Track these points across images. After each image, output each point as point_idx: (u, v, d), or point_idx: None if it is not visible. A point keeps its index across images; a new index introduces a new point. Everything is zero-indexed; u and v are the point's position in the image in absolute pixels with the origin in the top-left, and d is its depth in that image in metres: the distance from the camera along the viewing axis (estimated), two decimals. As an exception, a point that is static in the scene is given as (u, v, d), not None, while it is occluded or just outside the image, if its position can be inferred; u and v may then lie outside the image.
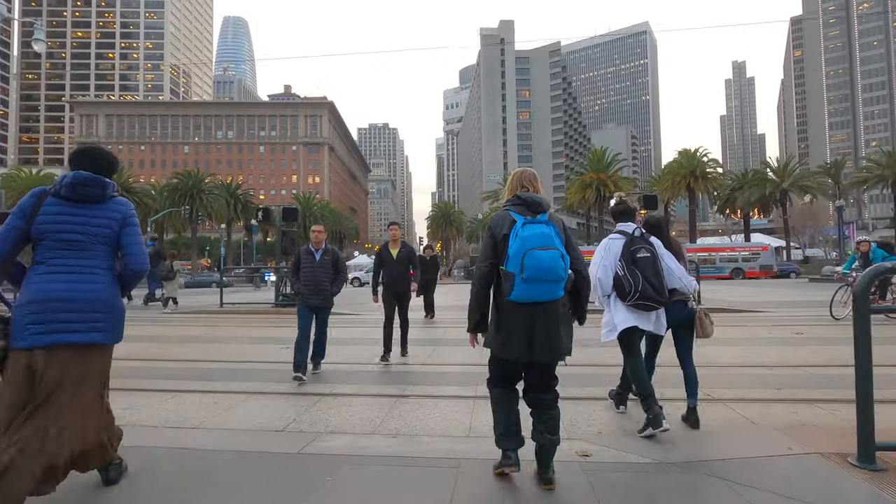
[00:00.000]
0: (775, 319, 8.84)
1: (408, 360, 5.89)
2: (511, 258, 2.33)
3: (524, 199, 2.47)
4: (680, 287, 3.43)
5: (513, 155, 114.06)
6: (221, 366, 5.72)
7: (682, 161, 43.11)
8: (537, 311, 2.35)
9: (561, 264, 2.30)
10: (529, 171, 2.70)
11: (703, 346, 5.99)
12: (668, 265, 3.40)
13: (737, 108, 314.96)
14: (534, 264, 2.27)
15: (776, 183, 42.08)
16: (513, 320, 2.38)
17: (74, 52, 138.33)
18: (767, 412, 3.70)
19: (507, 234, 2.39)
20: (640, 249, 3.31)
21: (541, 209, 2.44)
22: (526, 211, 2.43)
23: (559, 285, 2.33)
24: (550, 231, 2.37)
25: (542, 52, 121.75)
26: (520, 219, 2.40)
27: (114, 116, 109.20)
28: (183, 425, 3.55)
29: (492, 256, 2.46)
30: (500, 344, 2.42)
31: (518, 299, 2.33)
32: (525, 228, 2.35)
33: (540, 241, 2.31)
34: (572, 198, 45.25)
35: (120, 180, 48.00)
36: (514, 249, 2.33)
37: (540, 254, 2.27)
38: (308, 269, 5.12)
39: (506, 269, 2.36)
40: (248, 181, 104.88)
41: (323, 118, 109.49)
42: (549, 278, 2.28)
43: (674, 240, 3.72)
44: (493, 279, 2.48)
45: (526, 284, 2.29)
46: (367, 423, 3.56)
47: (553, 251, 2.30)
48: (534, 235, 2.33)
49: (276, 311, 10.87)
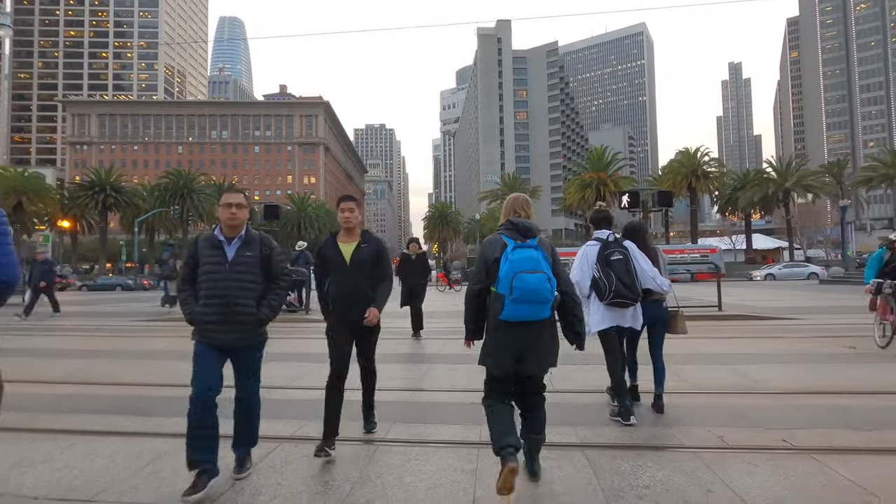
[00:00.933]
0: (814, 329, 7.92)
1: (395, 385, 4.86)
2: (501, 280, 2.48)
3: (516, 224, 2.63)
4: (654, 287, 3.74)
5: (510, 155, 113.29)
6: (168, 392, 4.62)
7: (682, 160, 42.31)
8: (526, 329, 2.51)
9: (547, 286, 2.45)
10: (522, 198, 2.89)
11: (748, 364, 5.08)
12: (642, 266, 3.70)
13: (733, 109, 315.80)
14: (522, 286, 2.41)
15: (779, 182, 41.31)
16: (503, 338, 2.54)
17: (67, 52, 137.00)
18: (882, 472, 2.72)
19: (499, 258, 2.54)
20: (613, 252, 3.62)
21: (531, 234, 2.60)
22: (517, 235, 2.59)
23: (546, 306, 2.50)
24: (538, 255, 2.51)
25: (539, 51, 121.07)
26: (510, 243, 2.55)
27: (106, 116, 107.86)
28: (73, 497, 2.53)
29: (483, 278, 2.62)
30: (493, 361, 2.58)
31: (508, 318, 2.48)
32: (514, 252, 2.50)
33: (528, 264, 2.46)
34: (571, 198, 44.36)
35: (109, 180, 46.84)
36: (504, 272, 2.47)
37: (528, 277, 2.42)
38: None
39: (496, 291, 2.52)
40: (242, 181, 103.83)
41: (318, 118, 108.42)
42: (536, 299, 2.44)
43: (650, 244, 4.00)
44: (484, 297, 2.62)
45: (515, 305, 2.45)
46: (320, 497, 2.53)
47: (540, 274, 2.45)
48: (522, 259, 2.47)
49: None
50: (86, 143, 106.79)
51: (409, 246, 8.60)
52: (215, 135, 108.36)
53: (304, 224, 61.78)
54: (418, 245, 8.70)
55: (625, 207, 8.92)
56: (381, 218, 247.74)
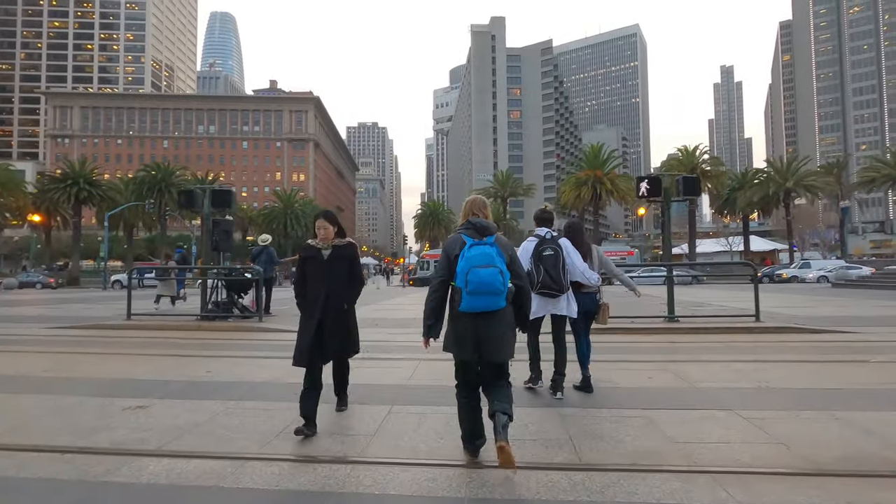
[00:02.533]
0: (889, 347, 6.34)
1: (346, 431, 3.35)
2: (458, 275, 2.70)
3: (474, 224, 2.85)
4: (583, 280, 4.22)
5: (503, 154, 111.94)
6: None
7: (681, 158, 41.01)
8: (482, 319, 2.71)
9: (499, 279, 2.65)
10: (480, 199, 3.08)
11: (857, 409, 3.52)
12: (573, 261, 4.17)
13: (724, 111, 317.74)
14: (475, 279, 2.63)
15: (779, 182, 40.15)
16: (463, 327, 2.76)
17: (51, 43, 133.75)
18: None
19: (458, 255, 2.75)
20: (546, 249, 4.08)
21: (487, 232, 2.81)
22: (475, 234, 2.79)
23: (499, 297, 2.68)
24: (493, 251, 2.70)
25: (533, 49, 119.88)
26: (469, 241, 2.76)
27: (89, 109, 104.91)
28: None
29: (444, 274, 2.82)
30: (455, 347, 2.80)
31: (466, 309, 2.71)
32: (471, 250, 2.71)
33: (482, 260, 2.66)
34: (566, 196, 42.86)
35: (83, 172, 44.57)
36: (461, 268, 2.69)
37: (481, 271, 2.63)
38: None
39: (455, 285, 2.75)
40: (230, 178, 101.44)
41: (308, 114, 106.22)
42: (488, 291, 2.64)
43: (586, 243, 4.47)
44: (445, 292, 2.83)
45: (470, 297, 2.66)
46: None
47: (493, 269, 2.65)
48: (477, 255, 2.68)
49: (196, 325, 8.16)
50: (67, 137, 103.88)
51: (318, 228, 3.57)
52: (202, 129, 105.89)
53: (291, 221, 59.79)
54: (333, 224, 3.56)
55: (643, 196, 7.29)
56: (373, 217, 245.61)
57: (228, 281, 8.79)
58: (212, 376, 4.65)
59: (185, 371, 4.86)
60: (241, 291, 9.01)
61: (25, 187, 44.02)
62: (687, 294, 17.44)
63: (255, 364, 5.32)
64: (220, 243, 8.81)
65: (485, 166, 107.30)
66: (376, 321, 9.07)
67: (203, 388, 4.27)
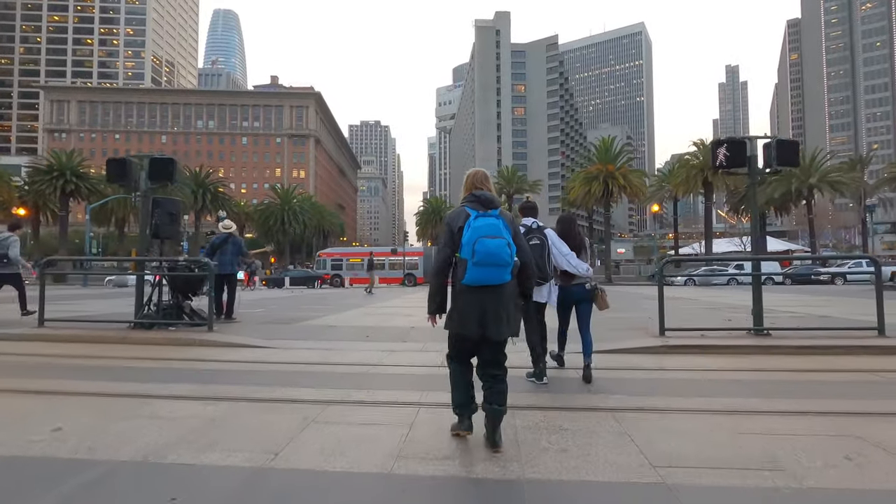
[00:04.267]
0: None
1: None
2: (464, 246, 2.61)
3: (478, 197, 2.75)
4: (570, 269, 4.28)
5: (507, 152, 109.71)
6: None
7: (698, 153, 38.88)
8: (488, 293, 2.62)
9: (507, 251, 2.58)
10: (482, 173, 2.95)
11: None
12: (560, 251, 4.26)
13: (729, 111, 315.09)
14: (483, 250, 2.54)
15: (802, 179, 37.99)
16: (467, 301, 2.65)
17: (50, 37, 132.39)
18: None
19: (462, 227, 2.67)
20: (532, 238, 4.12)
21: (492, 205, 2.73)
22: (479, 206, 2.72)
23: (506, 270, 2.61)
24: (499, 223, 2.64)
25: (538, 45, 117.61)
26: (473, 213, 2.69)
27: (87, 103, 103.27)
28: None
29: (450, 244, 2.72)
30: (457, 323, 2.70)
31: (471, 282, 2.61)
32: (477, 220, 2.64)
33: (489, 230, 2.59)
34: (575, 192, 40.72)
35: (70, 164, 42.69)
36: (467, 238, 2.61)
37: (488, 241, 2.55)
38: None
39: (460, 256, 2.66)
40: (229, 173, 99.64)
41: (309, 109, 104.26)
42: (496, 262, 2.55)
43: (579, 235, 4.49)
44: (451, 266, 2.73)
45: (476, 269, 2.57)
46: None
47: (500, 240, 2.58)
48: (484, 226, 2.61)
49: (122, 336, 6.17)
50: (64, 131, 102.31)
51: None
52: (201, 125, 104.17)
53: (289, 218, 57.84)
54: None
55: (721, 166, 5.24)
56: (375, 215, 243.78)
57: (171, 278, 6.78)
58: (49, 443, 2.65)
59: (15, 428, 2.87)
60: (190, 292, 6.99)
61: (11, 180, 42.16)
62: (727, 296, 15.33)
63: (149, 410, 3.28)
64: (163, 229, 6.80)
65: (488, 164, 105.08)
66: (368, 332, 7.05)
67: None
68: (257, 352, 5.54)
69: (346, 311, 11.13)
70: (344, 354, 5.40)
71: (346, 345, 6.01)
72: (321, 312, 10.49)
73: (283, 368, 4.73)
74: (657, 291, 5.94)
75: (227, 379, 4.25)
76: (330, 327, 7.73)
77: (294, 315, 9.81)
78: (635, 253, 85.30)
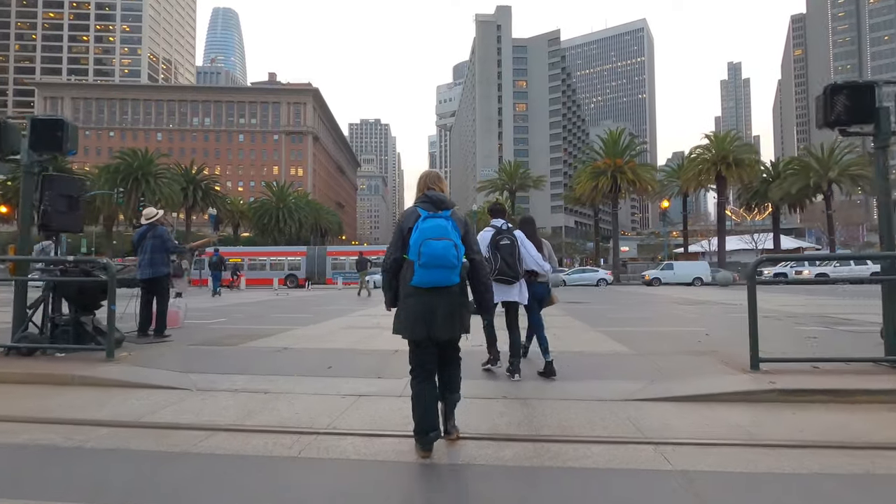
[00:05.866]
0: None
1: None
2: (411, 247, 2.58)
3: (430, 198, 2.74)
4: (537, 269, 4.46)
5: (508, 148, 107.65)
6: None
7: (710, 146, 36.89)
8: (435, 295, 2.58)
9: (453, 252, 2.54)
10: (434, 173, 2.95)
11: None
12: (528, 251, 4.41)
13: (731, 109, 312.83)
14: (428, 252, 2.50)
15: (820, 172, 36.02)
16: (415, 304, 2.61)
17: (46, 34, 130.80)
18: None
19: (412, 228, 2.62)
20: (503, 238, 4.28)
21: (444, 206, 2.72)
22: (431, 207, 2.70)
23: (453, 271, 2.57)
24: (447, 224, 2.60)
25: (540, 40, 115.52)
26: (423, 213, 2.65)
27: (81, 100, 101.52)
28: None
29: (396, 251, 2.71)
30: (405, 327, 2.64)
31: (418, 284, 2.57)
32: (425, 222, 2.59)
33: (435, 232, 2.54)
34: (581, 188, 38.77)
35: (54, 163, 40.93)
36: (414, 239, 2.57)
37: (434, 243, 2.51)
38: None
39: (407, 258, 2.63)
40: (225, 171, 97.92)
41: (307, 106, 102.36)
42: (442, 264, 2.51)
43: (537, 236, 4.66)
44: (399, 265, 2.71)
45: (423, 270, 2.52)
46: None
47: (446, 241, 2.53)
48: (431, 227, 2.56)
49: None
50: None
51: None
52: (197, 122, 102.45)
53: (284, 216, 55.92)
54: None
55: (838, 121, 3.31)
56: (375, 214, 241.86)
57: (58, 286, 4.93)
58: None
59: None
60: (89, 304, 5.14)
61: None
62: (783, 302, 13.32)
63: None
64: (55, 217, 4.97)
65: (489, 160, 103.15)
66: (333, 359, 5.18)
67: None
68: (155, 396, 3.70)
69: (324, 321, 9.24)
70: (282, 404, 3.55)
71: (295, 383, 4.15)
72: (290, 324, 8.58)
73: (168, 442, 2.87)
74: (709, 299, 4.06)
75: (58, 471, 2.40)
76: (285, 350, 5.82)
77: (253, 329, 7.89)
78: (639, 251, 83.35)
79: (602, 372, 4.51)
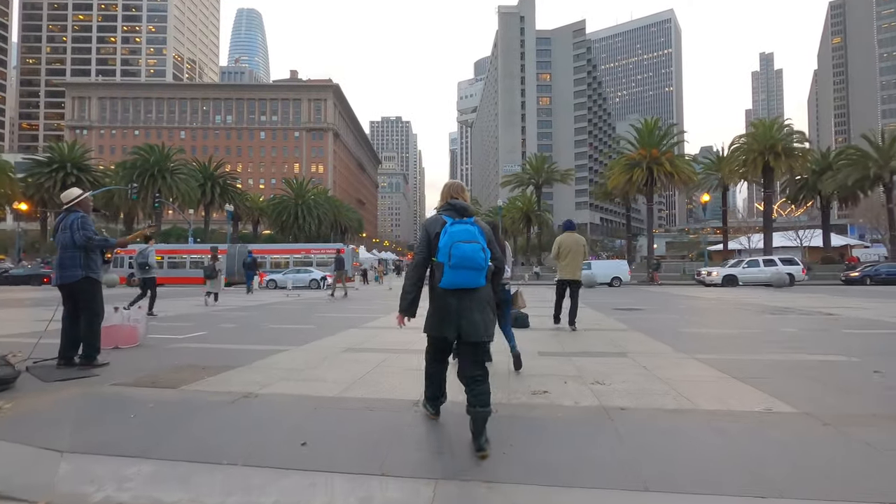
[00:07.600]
0: None
1: None
2: (441, 250, 2.70)
3: (454, 206, 2.86)
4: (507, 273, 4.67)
5: (531, 143, 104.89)
6: None
7: (756, 135, 33.97)
8: (464, 296, 2.69)
9: (481, 255, 2.66)
10: (457, 184, 3.05)
11: None
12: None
13: (763, 101, 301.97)
14: (458, 254, 2.63)
15: (880, 163, 32.76)
16: (444, 304, 2.73)
17: (75, 36, 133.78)
18: None
19: (439, 233, 2.76)
20: None
21: (467, 213, 2.84)
22: (455, 214, 2.83)
23: (481, 273, 2.68)
24: (474, 230, 2.74)
25: (564, 31, 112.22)
26: (449, 220, 2.79)
27: (107, 99, 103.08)
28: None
29: (425, 250, 2.83)
30: (434, 325, 2.79)
31: (447, 286, 2.69)
32: (453, 226, 2.74)
33: (464, 235, 2.69)
34: (614, 181, 36.26)
35: (72, 156, 40.43)
36: (444, 242, 2.70)
37: (464, 246, 2.64)
38: None
39: (437, 260, 2.74)
40: (247, 168, 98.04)
41: (327, 102, 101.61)
42: (471, 266, 2.62)
43: (500, 240, 4.58)
44: (426, 268, 2.85)
45: (453, 272, 2.64)
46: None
47: (475, 244, 2.67)
48: (460, 231, 2.70)
49: None
50: (86, 128, 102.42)
51: None
52: (219, 120, 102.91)
53: (303, 213, 54.75)
54: None
55: None
56: (396, 211, 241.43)
57: None
58: None
59: None
60: None
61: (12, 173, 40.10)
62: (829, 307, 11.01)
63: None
64: None
65: (512, 156, 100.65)
66: (312, 423, 3.26)
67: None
68: None
69: (324, 336, 7.16)
70: None
71: (226, 494, 2.27)
72: (280, 342, 6.46)
73: None
74: None
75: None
76: (245, 400, 3.69)
77: (227, 351, 5.77)
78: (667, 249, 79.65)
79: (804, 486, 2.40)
